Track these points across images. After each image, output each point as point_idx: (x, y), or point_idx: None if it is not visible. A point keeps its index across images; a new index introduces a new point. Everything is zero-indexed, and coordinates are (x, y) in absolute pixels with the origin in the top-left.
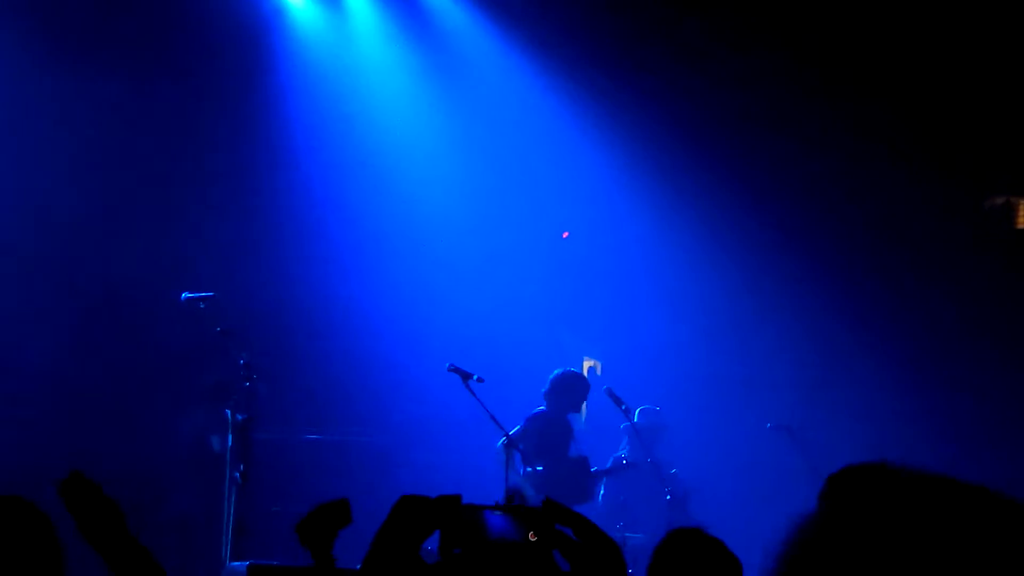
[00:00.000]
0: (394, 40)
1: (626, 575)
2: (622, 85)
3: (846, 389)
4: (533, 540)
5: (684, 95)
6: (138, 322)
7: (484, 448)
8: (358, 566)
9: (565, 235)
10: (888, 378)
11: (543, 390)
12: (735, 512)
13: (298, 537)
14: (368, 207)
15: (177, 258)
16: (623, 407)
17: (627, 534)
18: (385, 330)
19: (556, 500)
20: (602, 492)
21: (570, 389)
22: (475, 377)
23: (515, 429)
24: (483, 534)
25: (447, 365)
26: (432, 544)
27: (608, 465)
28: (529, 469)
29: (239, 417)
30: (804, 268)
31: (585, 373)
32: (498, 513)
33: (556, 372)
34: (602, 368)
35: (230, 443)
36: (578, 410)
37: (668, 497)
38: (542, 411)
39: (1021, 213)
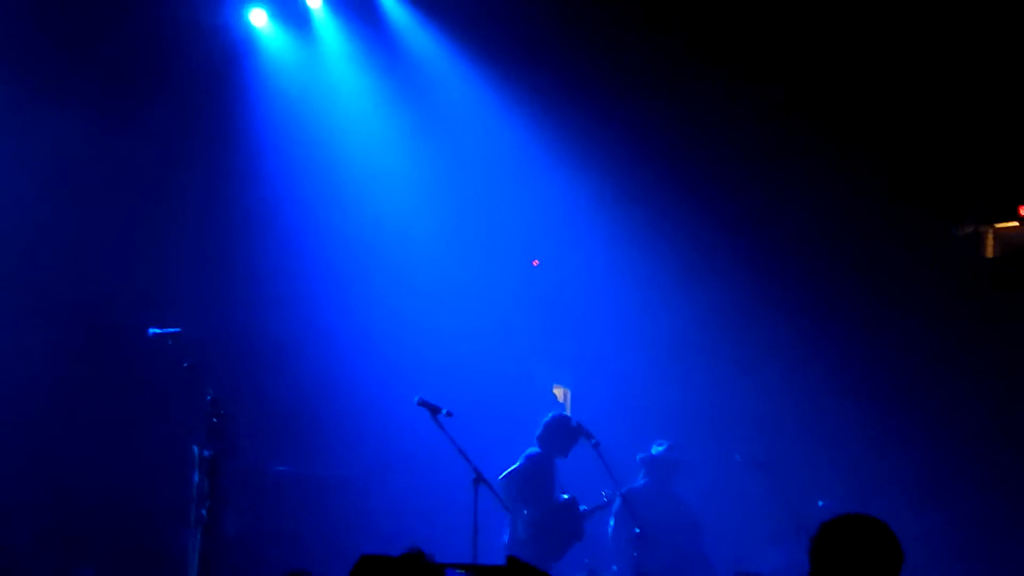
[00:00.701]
0: (362, 64)
1: None
2: (592, 111)
3: (814, 421)
4: None
5: (656, 121)
6: (107, 355)
7: (454, 482)
8: None
9: (535, 263)
10: (856, 409)
11: (536, 433)
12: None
13: None
14: (340, 236)
15: (147, 290)
16: (592, 441)
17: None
18: (356, 361)
19: (552, 540)
20: (612, 525)
21: (564, 434)
22: (444, 411)
23: (514, 465)
24: None
25: (416, 399)
26: None
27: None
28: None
29: (206, 453)
30: (773, 298)
31: (560, 400)
32: (460, 573)
33: (550, 416)
34: (571, 396)
35: (196, 480)
36: (566, 455)
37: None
38: (538, 452)
39: (989, 242)
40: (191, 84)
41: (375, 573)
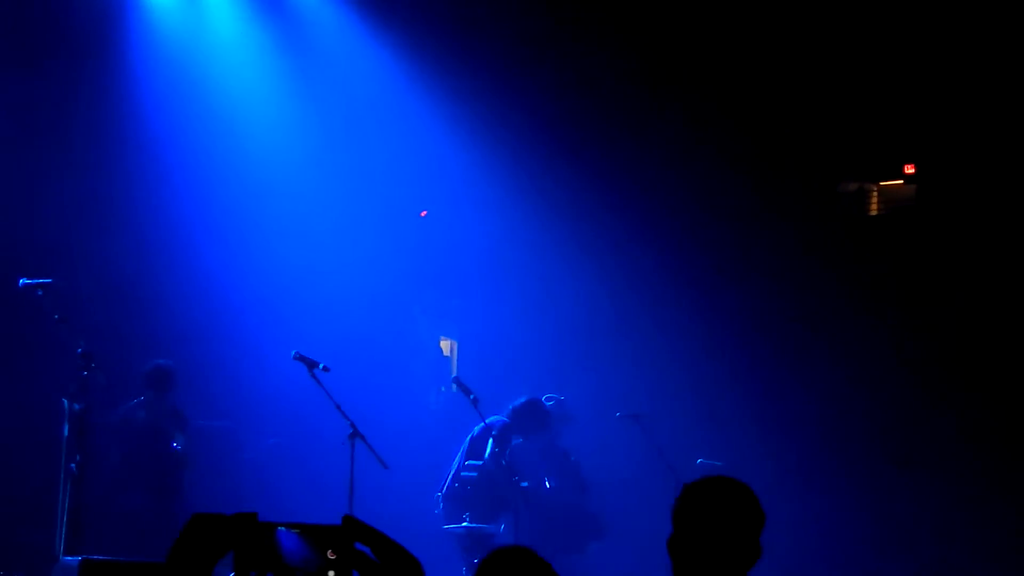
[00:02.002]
0: (249, 21)
1: None
2: (478, 69)
3: (694, 381)
4: (332, 559)
5: (545, 85)
6: None
7: (331, 437)
8: None
9: (423, 214)
10: (734, 371)
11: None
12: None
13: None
14: (223, 190)
15: (29, 244)
16: (471, 396)
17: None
18: (237, 311)
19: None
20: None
21: (533, 418)
22: (321, 366)
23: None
24: (278, 554)
25: (293, 353)
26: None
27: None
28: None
29: (76, 407)
30: (659, 252)
31: (446, 353)
32: (294, 532)
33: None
34: (457, 349)
35: (66, 433)
36: (526, 437)
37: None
38: (502, 422)
39: (873, 200)
40: (75, 40)
41: (206, 531)
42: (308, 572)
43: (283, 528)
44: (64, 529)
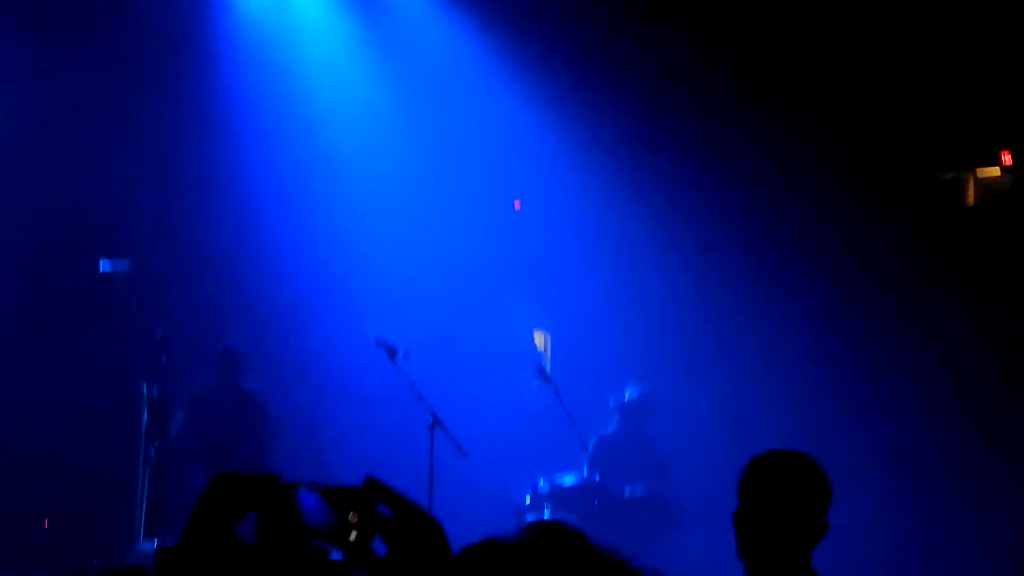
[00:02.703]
0: (336, 8)
1: (448, 557)
2: (576, 61)
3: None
4: (353, 521)
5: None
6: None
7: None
8: None
9: (517, 205)
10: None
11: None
12: None
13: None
14: (308, 177)
15: (109, 227)
16: (552, 386)
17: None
18: (321, 299)
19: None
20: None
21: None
22: (401, 353)
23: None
24: (300, 515)
25: (374, 339)
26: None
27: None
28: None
29: (155, 391)
30: (748, 248)
31: (539, 347)
32: (316, 493)
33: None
34: (551, 341)
35: (145, 418)
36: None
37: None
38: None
39: (970, 189)
40: (158, 27)
41: (229, 491)
42: (330, 533)
43: (305, 489)
44: (143, 514)
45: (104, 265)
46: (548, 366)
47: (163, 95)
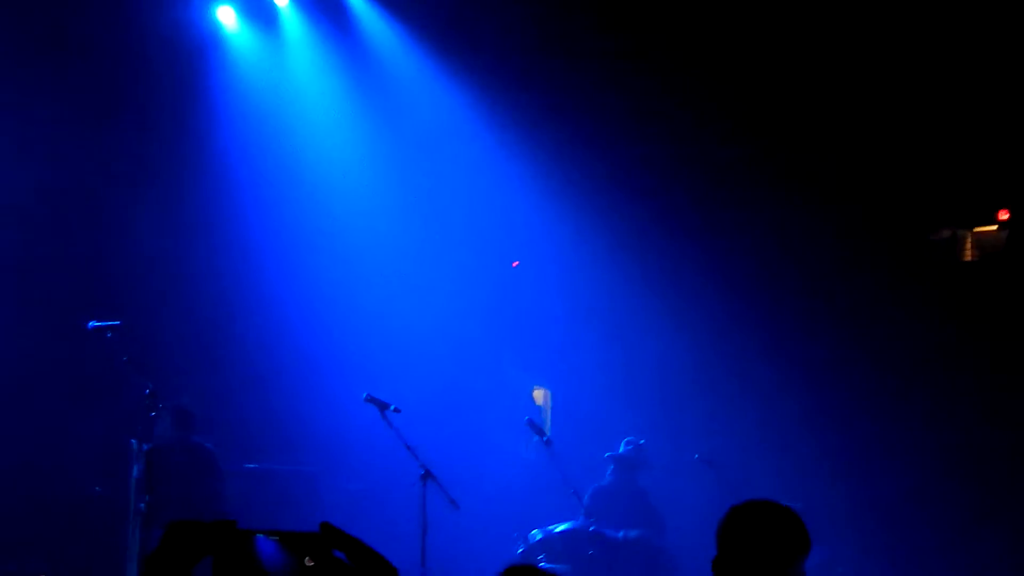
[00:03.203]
0: (328, 62)
1: None
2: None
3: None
4: (309, 566)
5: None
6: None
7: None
8: None
9: (515, 264)
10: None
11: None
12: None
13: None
14: (302, 230)
15: (101, 281)
16: (544, 439)
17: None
18: (319, 357)
19: None
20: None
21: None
22: (392, 407)
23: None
24: (256, 561)
25: (364, 395)
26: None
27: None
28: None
29: (144, 447)
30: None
31: (539, 402)
32: (272, 539)
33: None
34: (551, 397)
35: (135, 473)
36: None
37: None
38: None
39: (967, 246)
40: (157, 81)
41: (185, 538)
42: None
43: (262, 535)
44: (136, 566)
45: (92, 323)
46: (548, 422)
47: (163, 157)
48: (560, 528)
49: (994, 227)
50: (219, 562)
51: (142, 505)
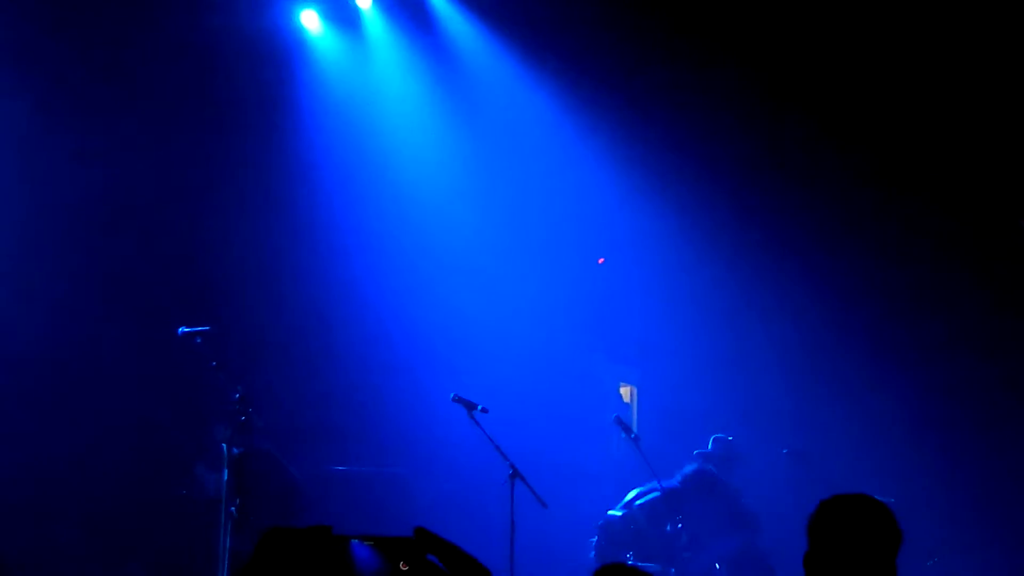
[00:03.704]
0: (412, 64)
1: None
2: (649, 110)
3: (858, 414)
4: (404, 570)
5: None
6: (139, 354)
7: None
8: None
9: (601, 261)
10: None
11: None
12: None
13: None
14: (389, 233)
15: (195, 286)
16: (632, 435)
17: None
18: (408, 358)
19: None
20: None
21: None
22: (479, 407)
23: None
24: (352, 566)
25: (451, 395)
26: None
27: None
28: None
29: (235, 451)
30: (829, 296)
31: (626, 399)
32: (367, 544)
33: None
34: (637, 394)
35: (225, 478)
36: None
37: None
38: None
39: None
40: (244, 85)
41: (282, 545)
42: None
43: (356, 540)
44: (226, 570)
45: (182, 329)
46: (635, 419)
47: (252, 162)
48: (640, 499)
49: None
50: (315, 568)
51: (233, 509)
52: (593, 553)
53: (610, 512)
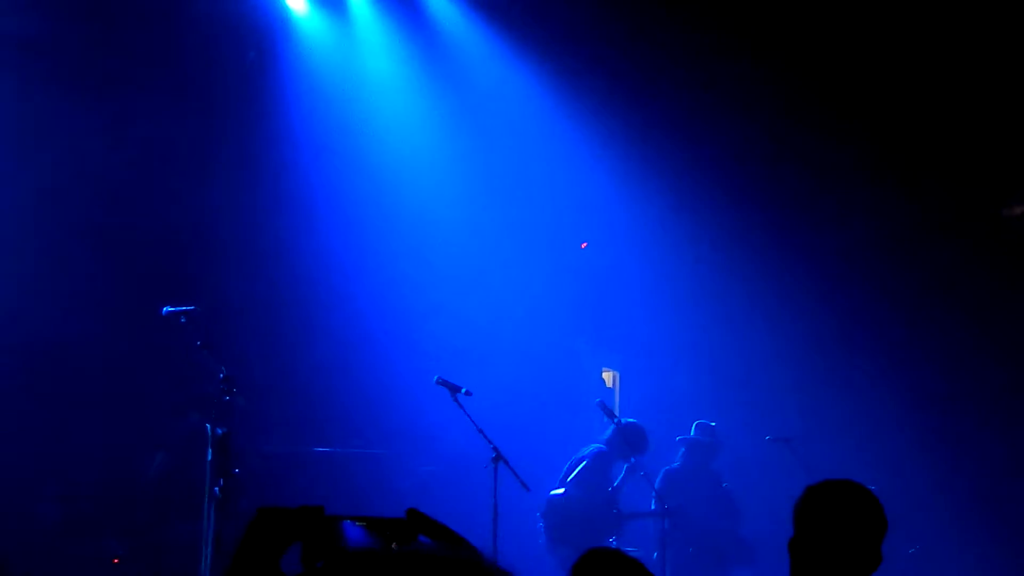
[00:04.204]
0: (398, 46)
1: None
2: (629, 94)
3: (843, 401)
4: (396, 551)
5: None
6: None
7: (473, 460)
8: None
9: (584, 246)
10: (887, 389)
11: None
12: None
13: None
14: (370, 215)
15: (174, 267)
16: (616, 420)
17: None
18: (390, 340)
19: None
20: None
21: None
22: (463, 390)
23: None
24: (344, 546)
25: (435, 378)
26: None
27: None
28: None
29: (219, 431)
30: (807, 275)
31: (608, 384)
32: (360, 525)
33: (629, 421)
34: (620, 379)
35: (209, 457)
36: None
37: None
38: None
39: None
40: (226, 64)
41: (272, 524)
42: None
43: (348, 521)
44: (209, 553)
45: (166, 309)
46: (617, 404)
47: (233, 143)
48: (570, 475)
49: None
50: (307, 548)
51: (216, 490)
52: (543, 539)
53: (551, 493)
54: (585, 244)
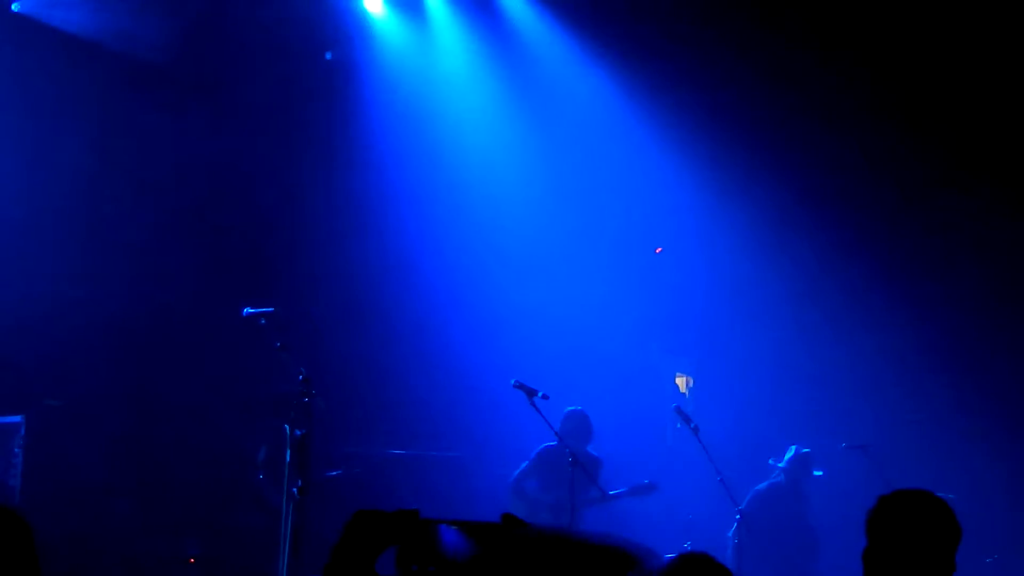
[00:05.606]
0: (476, 51)
1: None
2: (710, 102)
3: (920, 408)
4: (490, 555)
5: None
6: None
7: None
8: None
9: (658, 250)
10: (965, 398)
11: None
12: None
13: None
14: (451, 219)
15: (258, 271)
16: (692, 425)
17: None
18: (469, 344)
19: None
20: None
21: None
22: (540, 394)
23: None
24: (440, 550)
25: (512, 381)
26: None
27: None
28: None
29: (297, 432)
30: (881, 284)
31: (682, 390)
32: (455, 528)
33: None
34: (693, 385)
35: (288, 458)
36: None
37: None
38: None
39: None
40: (305, 72)
41: (369, 527)
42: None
43: (444, 524)
44: (286, 553)
45: (247, 311)
46: (689, 408)
47: (314, 151)
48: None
49: None
50: (403, 550)
51: (294, 490)
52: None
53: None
54: (660, 249)
